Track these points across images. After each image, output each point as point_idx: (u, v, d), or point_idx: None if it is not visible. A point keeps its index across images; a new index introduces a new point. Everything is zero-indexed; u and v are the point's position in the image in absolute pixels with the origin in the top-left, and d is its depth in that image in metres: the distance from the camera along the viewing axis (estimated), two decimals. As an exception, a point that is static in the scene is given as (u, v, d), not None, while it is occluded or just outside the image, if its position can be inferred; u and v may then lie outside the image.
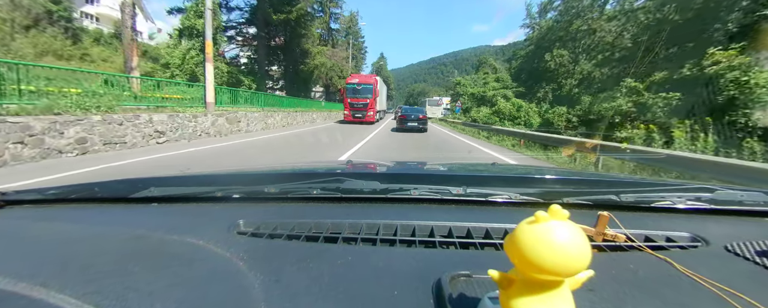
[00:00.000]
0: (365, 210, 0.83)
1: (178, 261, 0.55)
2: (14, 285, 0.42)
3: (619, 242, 0.63)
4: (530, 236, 0.32)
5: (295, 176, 1.11)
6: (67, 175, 4.58)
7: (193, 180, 1.13)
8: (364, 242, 0.67)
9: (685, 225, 0.72)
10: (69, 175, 4.60)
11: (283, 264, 0.54)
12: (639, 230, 0.68)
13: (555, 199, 0.83)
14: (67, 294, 0.42)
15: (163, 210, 0.87)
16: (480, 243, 0.66)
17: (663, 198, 0.83)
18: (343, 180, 0.94)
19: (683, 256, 0.59)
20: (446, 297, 0.43)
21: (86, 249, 0.60)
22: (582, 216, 0.72)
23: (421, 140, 12.44)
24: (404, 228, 0.71)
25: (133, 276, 0.48)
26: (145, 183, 0.95)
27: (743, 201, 0.83)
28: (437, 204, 0.86)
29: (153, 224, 0.74)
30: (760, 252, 0.58)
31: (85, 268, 0.50)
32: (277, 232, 0.69)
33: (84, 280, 0.46)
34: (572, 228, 0.32)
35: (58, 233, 0.69)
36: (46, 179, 4.28)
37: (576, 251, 0.31)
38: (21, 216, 0.85)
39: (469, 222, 0.71)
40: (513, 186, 0.92)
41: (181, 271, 0.51)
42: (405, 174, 1.18)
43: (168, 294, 0.43)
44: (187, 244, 0.61)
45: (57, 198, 0.93)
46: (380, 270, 0.53)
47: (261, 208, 0.86)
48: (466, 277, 0.49)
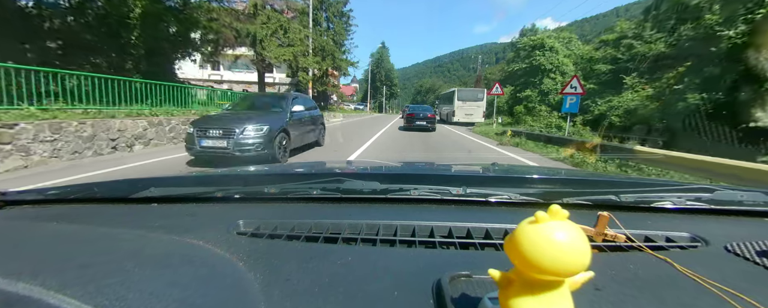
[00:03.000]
0: (365, 210, 0.83)
1: (178, 261, 0.55)
2: (14, 285, 0.42)
3: (619, 242, 0.63)
4: (530, 236, 0.32)
5: (295, 176, 1.11)
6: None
7: (193, 180, 1.13)
8: (364, 242, 0.67)
9: (685, 225, 0.72)
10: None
11: (283, 264, 0.54)
12: (639, 230, 0.68)
13: (555, 199, 0.83)
14: (66, 294, 0.41)
15: (163, 210, 0.87)
16: (480, 243, 0.66)
17: (663, 198, 0.83)
18: (343, 180, 0.94)
19: (683, 256, 0.59)
20: (446, 298, 0.43)
21: (86, 249, 0.60)
22: (582, 216, 0.72)
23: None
24: (404, 228, 0.71)
25: (133, 276, 0.48)
26: (145, 184, 0.95)
27: (743, 201, 0.83)
28: (437, 205, 0.86)
29: (153, 224, 0.74)
30: (760, 252, 0.58)
31: (84, 268, 0.50)
32: (277, 232, 0.69)
33: (84, 280, 0.46)
34: (572, 229, 0.32)
35: (58, 233, 0.69)
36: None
37: (576, 251, 0.31)
38: (21, 216, 0.85)
39: (469, 223, 0.71)
40: (513, 187, 0.92)
41: (181, 271, 0.51)
42: (405, 175, 1.18)
43: (168, 294, 0.43)
44: (187, 244, 0.61)
45: (57, 198, 0.93)
46: (380, 271, 0.53)
47: (261, 208, 0.86)
48: (466, 277, 0.49)
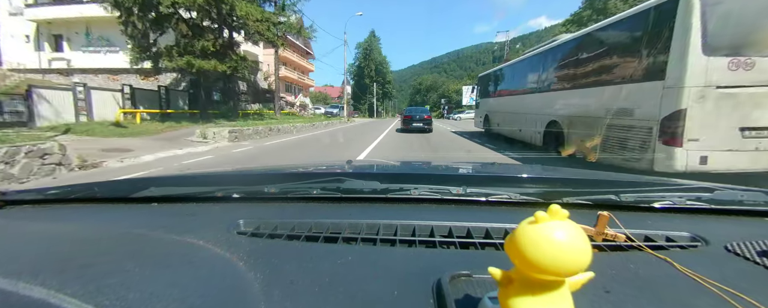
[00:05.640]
0: (365, 210, 0.83)
1: (178, 261, 0.55)
2: (14, 285, 0.42)
3: (619, 242, 0.63)
4: (530, 236, 0.32)
5: (295, 176, 1.11)
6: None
7: (193, 180, 1.13)
8: (365, 242, 0.66)
9: (685, 225, 0.72)
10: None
11: (283, 264, 0.54)
12: (639, 230, 0.68)
13: (555, 199, 0.83)
14: (66, 293, 0.41)
15: (163, 210, 0.87)
16: (480, 243, 0.66)
17: (663, 198, 0.83)
18: (343, 180, 0.94)
19: (683, 256, 0.59)
20: (446, 297, 0.43)
21: (86, 249, 0.60)
22: (582, 216, 0.72)
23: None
24: (404, 228, 0.71)
25: (133, 276, 0.48)
26: (145, 183, 0.95)
27: (743, 201, 0.83)
28: (437, 204, 0.86)
29: (153, 224, 0.74)
30: (760, 252, 0.58)
31: (84, 268, 0.50)
32: (277, 232, 0.69)
33: (84, 280, 0.46)
34: (572, 228, 0.32)
35: (58, 233, 0.69)
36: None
37: (576, 251, 0.31)
38: (21, 216, 0.85)
39: (469, 222, 0.71)
40: (513, 186, 0.92)
41: (181, 271, 0.51)
42: (405, 174, 1.18)
43: (168, 294, 0.43)
44: (187, 244, 0.61)
45: (57, 198, 0.93)
46: (380, 270, 0.53)
47: (261, 208, 0.86)
48: (466, 277, 0.48)
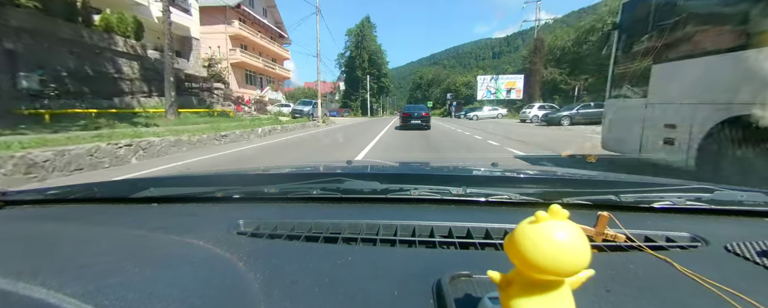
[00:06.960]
0: (365, 210, 0.83)
1: (177, 261, 0.55)
2: (14, 285, 0.42)
3: (619, 242, 0.63)
4: (530, 236, 0.32)
5: (295, 176, 1.11)
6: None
7: (192, 180, 1.13)
8: (364, 242, 0.66)
9: (685, 225, 0.72)
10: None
11: (283, 264, 0.54)
12: (639, 230, 0.68)
13: (555, 199, 0.83)
14: (66, 293, 0.41)
15: (163, 210, 0.87)
16: (480, 243, 0.66)
17: (663, 198, 0.83)
18: (343, 180, 0.94)
19: (683, 256, 0.59)
20: (446, 297, 0.43)
21: (86, 249, 0.60)
22: (582, 216, 0.72)
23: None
24: (404, 228, 0.71)
25: (133, 276, 0.48)
26: (145, 183, 0.95)
27: (743, 201, 0.83)
28: (437, 205, 0.86)
29: (153, 224, 0.74)
30: (760, 252, 0.58)
31: (84, 268, 0.50)
32: (277, 232, 0.69)
33: (84, 280, 0.46)
34: (572, 228, 0.32)
35: (58, 233, 0.69)
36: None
37: (576, 251, 0.31)
38: (21, 216, 0.85)
39: (469, 223, 0.71)
40: (513, 186, 0.92)
41: (180, 271, 0.51)
42: (405, 175, 1.18)
43: (168, 295, 0.43)
44: (187, 244, 0.61)
45: (57, 198, 0.93)
46: (380, 270, 0.53)
47: (261, 208, 0.86)
48: (466, 277, 0.48)
